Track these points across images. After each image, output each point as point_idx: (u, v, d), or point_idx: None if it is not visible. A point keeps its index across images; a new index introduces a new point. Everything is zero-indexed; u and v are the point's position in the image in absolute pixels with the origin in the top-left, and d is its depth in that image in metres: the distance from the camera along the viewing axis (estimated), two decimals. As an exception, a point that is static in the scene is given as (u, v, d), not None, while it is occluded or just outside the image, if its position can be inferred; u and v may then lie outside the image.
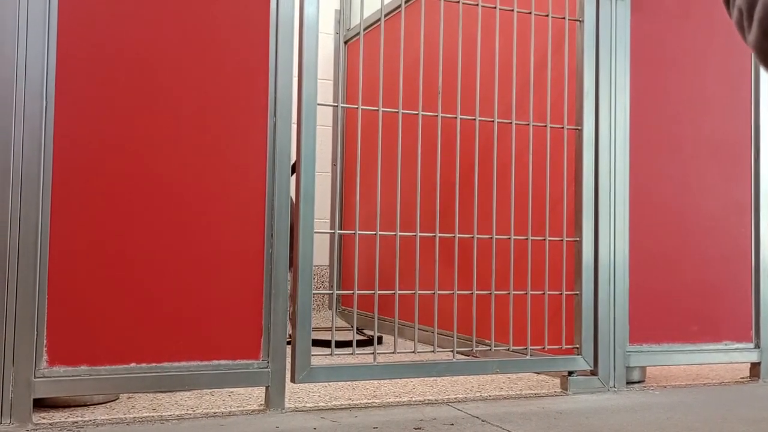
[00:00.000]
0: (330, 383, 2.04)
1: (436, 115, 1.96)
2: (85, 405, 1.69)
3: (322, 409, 1.76)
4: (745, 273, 2.30)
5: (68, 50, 1.60)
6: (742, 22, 0.70)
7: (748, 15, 0.68)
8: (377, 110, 1.91)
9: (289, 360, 1.75)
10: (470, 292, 1.97)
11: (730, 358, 2.26)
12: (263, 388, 1.75)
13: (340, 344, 2.60)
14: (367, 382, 2.08)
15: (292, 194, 1.78)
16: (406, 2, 2.49)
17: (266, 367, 1.72)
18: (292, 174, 1.78)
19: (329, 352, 1.80)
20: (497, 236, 2.01)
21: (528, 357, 2.01)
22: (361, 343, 2.77)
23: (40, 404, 1.64)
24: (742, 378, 2.32)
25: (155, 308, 1.65)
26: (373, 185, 3.12)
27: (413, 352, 1.89)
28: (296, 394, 1.90)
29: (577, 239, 2.07)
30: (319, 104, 1.80)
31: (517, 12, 2.05)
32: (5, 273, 1.53)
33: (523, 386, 2.10)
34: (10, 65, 1.55)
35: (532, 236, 2.05)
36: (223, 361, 1.69)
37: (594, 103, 2.09)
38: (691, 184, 2.24)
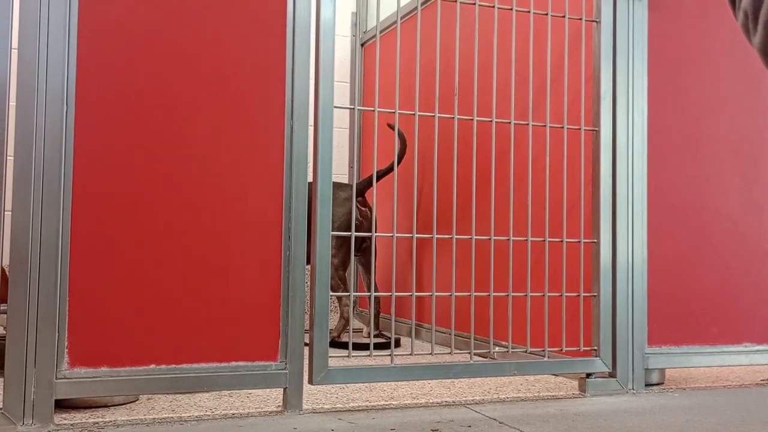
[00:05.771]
0: (347, 385, 2.05)
1: (453, 117, 1.96)
2: (106, 406, 1.71)
3: (340, 411, 1.77)
4: (765, 274, 2.28)
5: (88, 56, 1.62)
6: (747, 24, 0.70)
7: (753, 18, 0.68)
8: (394, 112, 1.91)
9: (306, 362, 1.75)
10: (487, 293, 1.97)
11: (750, 360, 2.24)
12: (281, 390, 1.76)
13: (357, 346, 2.62)
14: (385, 383, 2.08)
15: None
16: (422, 4, 2.49)
17: (284, 369, 1.73)
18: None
19: (346, 354, 1.81)
20: (514, 238, 2.01)
21: (546, 359, 2.00)
22: (378, 345, 2.78)
23: (62, 405, 1.66)
24: (763, 380, 2.30)
25: (174, 310, 1.66)
26: (389, 187, 3.13)
27: (430, 353, 1.89)
28: (314, 395, 1.91)
29: (595, 241, 2.06)
30: (335, 107, 1.81)
31: (534, 13, 2.05)
32: (27, 275, 1.55)
33: (540, 388, 2.09)
34: (32, 71, 1.57)
35: (549, 238, 2.04)
36: (241, 363, 1.70)
37: (611, 104, 2.09)
38: (710, 185, 2.23)
